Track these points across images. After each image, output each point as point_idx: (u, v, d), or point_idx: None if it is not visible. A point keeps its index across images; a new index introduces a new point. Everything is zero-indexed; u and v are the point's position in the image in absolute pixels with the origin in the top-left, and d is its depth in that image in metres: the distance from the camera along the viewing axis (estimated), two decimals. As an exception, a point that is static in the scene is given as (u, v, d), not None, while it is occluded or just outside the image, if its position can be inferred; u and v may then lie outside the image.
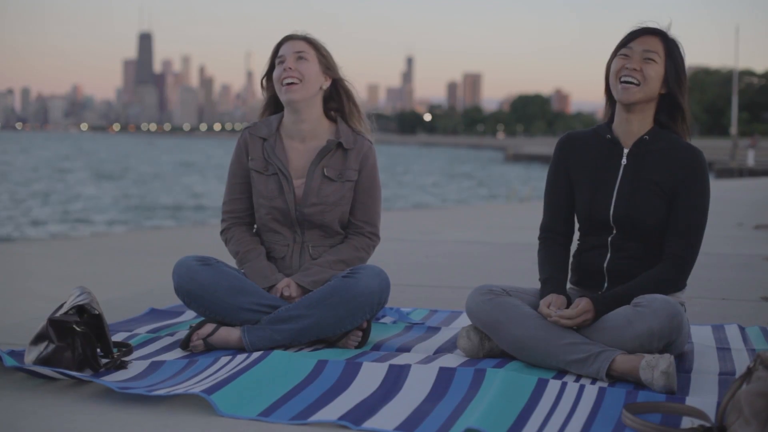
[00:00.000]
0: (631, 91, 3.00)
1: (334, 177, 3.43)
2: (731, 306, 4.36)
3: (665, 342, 2.86)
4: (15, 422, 2.41)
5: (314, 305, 3.21)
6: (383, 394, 2.65)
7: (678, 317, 2.85)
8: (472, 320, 3.11)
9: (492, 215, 11.63)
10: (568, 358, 2.88)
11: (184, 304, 3.37)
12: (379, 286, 3.27)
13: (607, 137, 3.12)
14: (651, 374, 2.71)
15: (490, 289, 3.09)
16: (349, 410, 2.49)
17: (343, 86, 3.51)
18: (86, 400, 2.60)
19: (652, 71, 3.00)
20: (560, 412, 2.49)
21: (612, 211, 3.06)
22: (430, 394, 2.64)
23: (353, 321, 3.25)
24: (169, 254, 6.45)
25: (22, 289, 4.88)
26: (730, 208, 11.69)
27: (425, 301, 4.42)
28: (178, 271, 3.32)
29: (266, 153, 3.45)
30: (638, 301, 2.90)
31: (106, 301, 3.58)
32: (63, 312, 2.95)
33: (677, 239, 3.02)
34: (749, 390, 2.14)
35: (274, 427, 2.38)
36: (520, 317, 2.99)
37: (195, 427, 2.37)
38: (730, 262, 6.01)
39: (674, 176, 3.02)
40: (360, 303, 3.23)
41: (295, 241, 3.45)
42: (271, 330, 3.21)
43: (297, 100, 3.39)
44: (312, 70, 3.40)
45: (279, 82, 3.40)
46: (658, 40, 3.03)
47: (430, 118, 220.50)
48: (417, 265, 5.86)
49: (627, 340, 2.85)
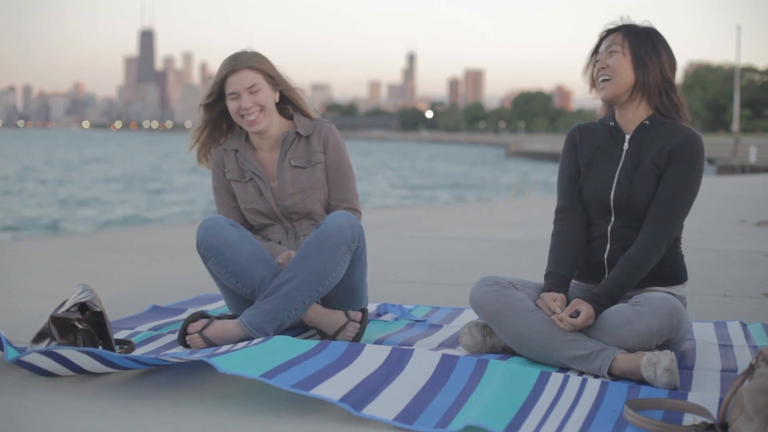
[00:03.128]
0: (606, 87, 3.10)
1: (303, 164, 3.57)
2: (733, 303, 4.36)
3: (665, 339, 2.87)
4: (18, 419, 2.41)
5: (294, 265, 3.29)
6: (384, 375, 2.66)
7: (677, 315, 2.86)
8: (476, 310, 3.11)
9: (494, 212, 11.63)
10: (570, 354, 2.88)
11: (202, 259, 3.41)
12: (347, 222, 3.33)
13: (611, 124, 3.20)
14: (653, 371, 2.71)
15: (496, 281, 3.10)
16: (351, 390, 2.50)
17: (286, 87, 3.61)
18: (89, 398, 2.60)
19: (617, 62, 3.08)
20: (562, 405, 2.50)
21: (613, 194, 3.10)
22: (432, 380, 2.65)
23: (336, 266, 3.30)
24: (171, 251, 6.45)
25: (23, 287, 4.88)
26: (732, 204, 11.68)
27: (427, 298, 4.42)
28: (205, 225, 3.39)
29: (240, 162, 3.61)
30: (637, 300, 2.91)
31: (107, 299, 3.59)
32: (65, 309, 2.95)
33: (657, 209, 3.02)
34: (751, 387, 2.14)
35: (275, 427, 2.38)
36: (524, 311, 2.99)
37: (195, 426, 2.37)
38: (732, 259, 6.00)
39: (668, 154, 3.06)
40: (334, 243, 3.29)
41: (287, 233, 3.59)
42: (264, 303, 3.27)
43: (263, 130, 3.54)
44: (267, 97, 3.52)
45: (238, 115, 3.50)
46: (619, 34, 3.12)
47: (431, 115, 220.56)
48: (419, 262, 5.86)
49: (627, 339, 2.85)
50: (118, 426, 2.36)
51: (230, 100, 3.50)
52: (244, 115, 3.49)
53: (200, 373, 2.86)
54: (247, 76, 3.48)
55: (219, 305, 4.05)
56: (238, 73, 3.49)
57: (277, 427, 2.37)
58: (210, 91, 3.57)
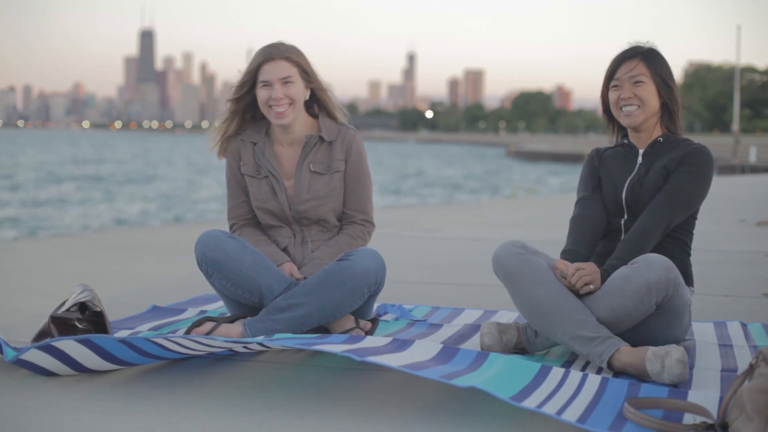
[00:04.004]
0: (634, 115, 3.22)
1: (322, 170, 3.51)
2: (733, 303, 4.36)
3: (662, 296, 2.90)
4: (17, 419, 2.41)
5: (311, 291, 3.24)
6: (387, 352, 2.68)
7: (674, 270, 2.91)
8: (496, 269, 3.12)
9: (495, 212, 11.63)
10: (577, 332, 2.90)
11: (204, 274, 3.39)
12: (374, 265, 3.30)
13: (625, 142, 3.36)
14: (660, 364, 2.71)
15: (524, 245, 3.13)
16: (353, 348, 2.54)
17: (319, 86, 3.56)
18: (89, 397, 2.60)
19: (645, 92, 3.21)
20: (561, 396, 2.49)
21: (624, 193, 3.23)
22: (433, 360, 2.67)
23: (352, 303, 3.29)
24: (171, 251, 6.46)
25: (23, 287, 4.88)
26: (732, 204, 11.69)
27: (427, 298, 4.42)
28: (204, 241, 3.35)
29: (257, 156, 3.54)
30: (635, 260, 2.98)
31: (107, 299, 3.59)
32: (65, 309, 2.96)
33: (660, 197, 3.15)
34: (751, 386, 2.14)
35: (275, 427, 2.38)
36: (544, 278, 3.02)
37: (196, 426, 2.37)
38: (732, 259, 6.00)
39: (680, 159, 3.18)
40: (356, 284, 3.26)
41: (295, 237, 3.53)
42: (272, 321, 3.24)
43: (288, 124, 3.47)
44: (299, 91, 3.46)
45: (266, 105, 3.44)
46: (639, 61, 3.23)
47: (431, 115, 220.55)
48: (419, 262, 5.87)
49: (627, 298, 2.89)
50: (118, 426, 2.36)
51: (261, 87, 3.44)
52: (273, 106, 3.42)
53: (200, 373, 2.86)
54: (282, 67, 3.42)
55: (219, 305, 4.05)
56: (274, 62, 3.43)
57: (277, 427, 2.37)
58: (243, 80, 3.48)
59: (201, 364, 2.92)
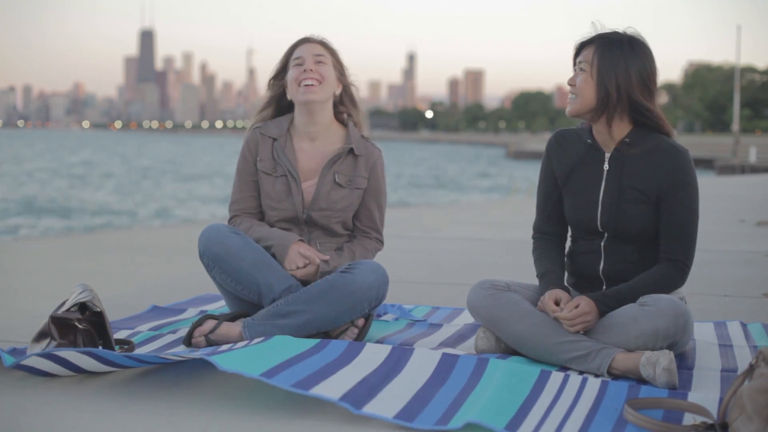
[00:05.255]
0: (570, 103, 3.06)
1: (344, 183, 3.49)
2: (733, 303, 4.36)
3: (669, 342, 2.85)
4: (17, 419, 2.41)
5: (313, 300, 3.24)
6: (385, 373, 2.66)
7: (684, 317, 2.83)
8: (473, 315, 3.12)
9: (493, 211, 11.62)
10: (569, 355, 2.88)
11: (206, 268, 3.39)
12: (377, 281, 3.29)
13: (588, 142, 3.11)
14: (652, 371, 2.71)
15: (492, 284, 3.09)
16: (351, 389, 2.50)
17: (350, 92, 3.57)
18: (89, 398, 2.60)
19: (582, 81, 3.00)
20: (562, 404, 2.50)
21: (599, 219, 3.06)
22: (432, 378, 2.65)
23: (351, 315, 3.29)
24: (171, 251, 6.45)
25: (23, 287, 4.88)
26: (732, 204, 11.69)
27: (427, 298, 4.42)
28: (207, 234, 3.36)
29: (276, 153, 3.49)
30: (644, 300, 2.88)
31: (107, 299, 3.58)
32: (65, 309, 2.95)
33: (673, 242, 2.99)
34: (751, 387, 2.14)
35: (275, 427, 2.38)
36: (521, 314, 2.99)
37: (195, 426, 2.37)
38: (732, 259, 6.00)
39: (658, 181, 2.98)
40: (358, 298, 3.26)
41: (302, 235, 3.50)
42: (271, 325, 3.23)
43: (315, 101, 3.43)
44: (330, 74, 3.47)
45: (296, 82, 3.43)
46: (591, 48, 3.00)
47: (431, 115, 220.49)
48: (419, 262, 5.86)
49: (631, 338, 2.84)
50: (118, 426, 2.36)
51: (293, 66, 3.45)
52: (302, 81, 3.40)
53: (200, 373, 2.86)
54: (316, 47, 3.46)
55: (219, 305, 4.05)
56: (309, 43, 3.47)
57: (277, 427, 2.37)
58: (279, 65, 3.51)
59: (201, 364, 2.92)
